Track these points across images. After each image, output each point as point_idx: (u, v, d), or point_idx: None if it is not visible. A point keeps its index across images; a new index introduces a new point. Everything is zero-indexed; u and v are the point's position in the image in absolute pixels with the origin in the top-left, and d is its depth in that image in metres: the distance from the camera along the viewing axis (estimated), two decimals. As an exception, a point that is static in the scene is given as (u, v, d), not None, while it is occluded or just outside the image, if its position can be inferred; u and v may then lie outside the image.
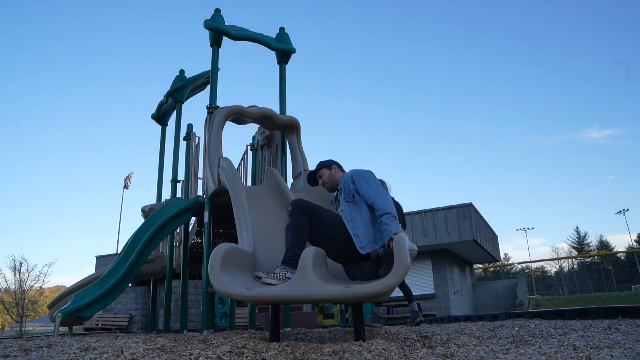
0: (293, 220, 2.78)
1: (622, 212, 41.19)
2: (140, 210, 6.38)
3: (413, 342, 2.63)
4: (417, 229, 14.78)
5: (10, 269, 23.31)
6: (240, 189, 3.82)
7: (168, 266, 6.27)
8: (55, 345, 2.65)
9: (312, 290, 2.32)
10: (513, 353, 1.98)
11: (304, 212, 2.79)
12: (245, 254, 2.95)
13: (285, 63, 5.70)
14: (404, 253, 2.32)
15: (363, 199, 2.86)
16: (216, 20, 5.28)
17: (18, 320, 22.92)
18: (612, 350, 1.96)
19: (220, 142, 4.62)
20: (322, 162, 3.34)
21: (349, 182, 2.95)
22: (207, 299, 4.62)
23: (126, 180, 28.37)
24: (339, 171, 3.27)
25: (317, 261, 2.52)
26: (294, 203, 2.83)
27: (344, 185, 3.00)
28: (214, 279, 2.46)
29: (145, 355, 2.13)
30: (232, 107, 4.74)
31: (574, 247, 54.49)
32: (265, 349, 2.18)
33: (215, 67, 5.31)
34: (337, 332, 3.68)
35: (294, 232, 2.76)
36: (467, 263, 19.65)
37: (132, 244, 5.03)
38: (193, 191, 6.38)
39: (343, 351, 2.06)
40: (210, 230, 4.85)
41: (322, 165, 3.31)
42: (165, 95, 7.04)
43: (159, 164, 7.27)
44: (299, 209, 2.79)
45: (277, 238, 3.44)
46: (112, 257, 19.70)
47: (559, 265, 51.71)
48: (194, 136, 6.63)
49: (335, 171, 3.26)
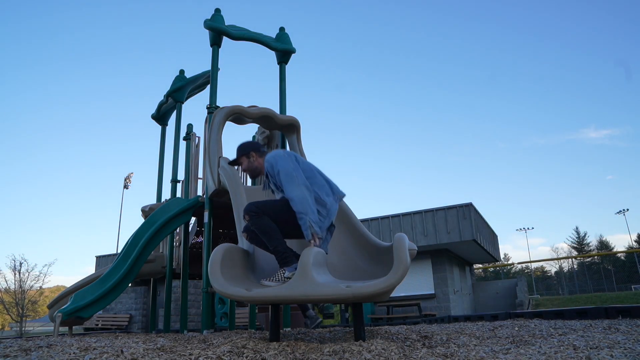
0: (258, 226, 2.73)
1: (622, 212, 41.22)
2: (140, 210, 6.38)
3: (413, 342, 2.62)
4: (417, 229, 14.78)
5: (10, 269, 23.27)
6: (240, 189, 3.82)
7: (168, 266, 6.27)
8: (55, 345, 2.65)
9: (312, 290, 2.32)
10: (513, 353, 1.98)
11: (261, 212, 2.74)
12: (245, 254, 2.95)
13: (285, 63, 5.70)
14: (404, 253, 2.32)
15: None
16: (216, 20, 5.28)
17: (18, 320, 22.90)
18: (612, 350, 1.96)
19: (220, 142, 4.62)
20: (239, 148, 3.16)
21: (271, 172, 2.91)
22: (207, 299, 4.62)
23: (126, 180, 28.38)
24: (257, 158, 3.10)
25: (317, 261, 2.52)
26: (247, 210, 2.77)
27: (268, 172, 2.96)
28: (214, 279, 2.46)
29: (145, 355, 2.13)
30: (232, 107, 4.74)
31: (573, 247, 54.50)
32: (265, 349, 2.18)
33: (215, 67, 5.31)
34: (337, 332, 3.68)
35: (267, 235, 2.73)
36: (467, 263, 19.65)
37: (132, 244, 5.03)
38: (193, 191, 6.37)
39: (343, 351, 2.06)
40: (210, 230, 4.85)
41: (240, 154, 3.14)
42: (165, 95, 7.04)
43: (159, 164, 7.27)
44: (255, 213, 2.74)
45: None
46: (112, 257, 19.69)
47: (559, 265, 51.76)
48: (194, 136, 6.63)
49: (254, 159, 3.10)
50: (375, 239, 3.35)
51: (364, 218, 15.41)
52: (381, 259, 3.09)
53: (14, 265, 22.80)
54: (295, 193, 2.70)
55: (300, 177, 2.79)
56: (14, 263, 23.13)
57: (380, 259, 3.11)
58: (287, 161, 2.85)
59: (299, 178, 2.78)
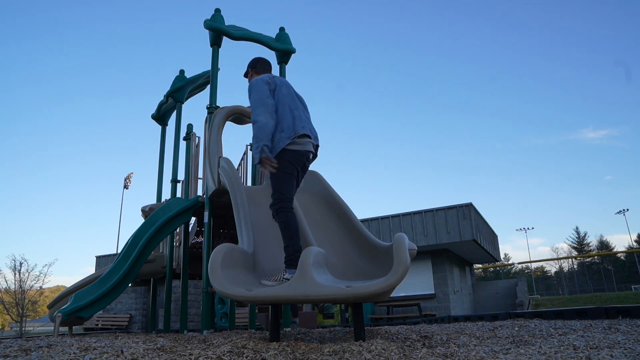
0: (281, 220, 2.85)
1: (622, 212, 41.21)
2: (140, 210, 6.38)
3: (413, 342, 2.62)
4: (417, 229, 14.78)
5: (10, 269, 23.31)
6: (240, 189, 3.82)
7: (168, 266, 6.27)
8: (55, 345, 2.65)
9: (312, 290, 2.32)
10: (513, 353, 1.98)
11: (281, 201, 2.87)
12: (245, 254, 2.95)
13: (285, 63, 5.70)
14: (404, 253, 2.32)
15: None
16: (216, 20, 5.28)
17: (18, 320, 22.91)
18: (612, 350, 1.96)
19: (220, 142, 4.63)
20: (250, 61, 3.43)
21: (249, 95, 3.09)
22: (207, 299, 4.62)
23: (126, 180, 28.39)
24: (253, 74, 3.33)
25: (317, 261, 2.52)
26: (271, 206, 2.94)
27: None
28: (214, 279, 2.45)
29: (145, 355, 2.13)
30: (232, 107, 4.74)
31: (573, 247, 54.49)
32: (265, 349, 2.18)
33: (215, 67, 5.31)
34: (337, 332, 3.68)
35: (285, 231, 2.82)
36: (467, 263, 19.64)
37: (132, 244, 5.03)
38: (193, 191, 6.37)
39: (343, 351, 2.06)
40: (210, 230, 4.85)
41: (248, 66, 3.42)
42: (165, 95, 7.04)
43: (159, 164, 7.27)
44: (278, 207, 2.88)
45: (277, 238, 3.43)
46: (112, 257, 19.69)
47: (559, 265, 51.74)
48: (194, 136, 6.63)
49: (251, 75, 3.35)
50: (375, 239, 3.34)
51: (364, 218, 15.41)
52: (381, 259, 3.09)
53: (14, 265, 22.84)
54: (259, 118, 2.88)
55: (269, 105, 2.94)
56: (14, 263, 23.19)
57: (380, 259, 3.11)
58: (261, 89, 3.01)
59: (268, 106, 2.93)
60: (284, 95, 3.05)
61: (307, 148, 2.97)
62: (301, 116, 3.03)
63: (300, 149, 2.93)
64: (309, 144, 2.99)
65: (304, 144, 2.95)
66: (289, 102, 3.04)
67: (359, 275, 3.17)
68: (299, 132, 2.93)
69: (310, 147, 3.00)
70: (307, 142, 2.97)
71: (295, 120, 2.96)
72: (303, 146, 2.94)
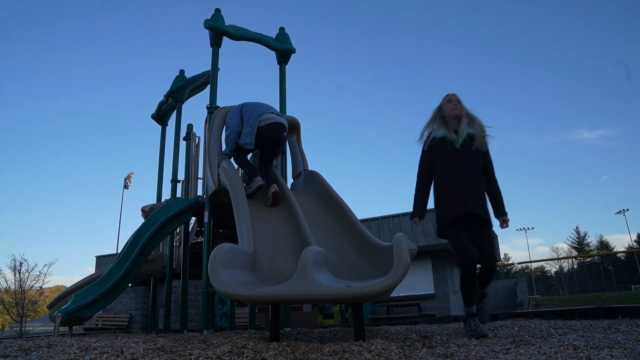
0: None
1: (622, 212, 41.23)
2: (140, 210, 6.37)
3: (413, 342, 2.62)
4: (417, 229, 14.77)
5: (10, 269, 23.30)
6: (240, 189, 3.82)
7: (168, 266, 6.27)
8: (55, 345, 2.65)
9: (312, 290, 2.32)
10: (513, 353, 1.98)
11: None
12: (246, 254, 2.95)
13: (285, 63, 5.70)
14: (404, 253, 2.32)
15: None
16: (216, 20, 5.27)
17: (18, 320, 22.92)
18: (612, 350, 1.96)
19: (220, 142, 4.62)
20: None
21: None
22: (207, 299, 4.62)
23: (126, 180, 28.38)
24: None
25: (317, 261, 2.52)
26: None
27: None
28: (214, 279, 2.45)
29: (145, 355, 2.13)
30: (232, 107, 4.73)
31: (573, 247, 54.49)
32: (265, 349, 2.18)
33: (215, 67, 5.30)
34: (337, 332, 3.68)
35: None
36: (467, 263, 19.63)
37: (132, 244, 5.03)
38: (193, 191, 6.37)
39: (343, 351, 2.06)
40: (210, 230, 4.84)
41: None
42: (165, 95, 7.04)
43: (159, 164, 7.26)
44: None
45: (277, 238, 3.43)
46: (112, 257, 19.68)
47: (559, 265, 51.74)
48: (194, 136, 6.63)
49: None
50: (375, 239, 3.34)
51: (364, 218, 15.40)
52: (381, 259, 3.09)
53: (14, 265, 22.85)
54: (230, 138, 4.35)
55: (235, 125, 4.35)
56: (14, 263, 23.20)
57: (381, 259, 3.10)
58: (232, 116, 4.43)
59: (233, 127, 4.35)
60: (250, 110, 4.44)
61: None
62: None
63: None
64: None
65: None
66: (259, 110, 4.48)
67: (359, 275, 3.17)
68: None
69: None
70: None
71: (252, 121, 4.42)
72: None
